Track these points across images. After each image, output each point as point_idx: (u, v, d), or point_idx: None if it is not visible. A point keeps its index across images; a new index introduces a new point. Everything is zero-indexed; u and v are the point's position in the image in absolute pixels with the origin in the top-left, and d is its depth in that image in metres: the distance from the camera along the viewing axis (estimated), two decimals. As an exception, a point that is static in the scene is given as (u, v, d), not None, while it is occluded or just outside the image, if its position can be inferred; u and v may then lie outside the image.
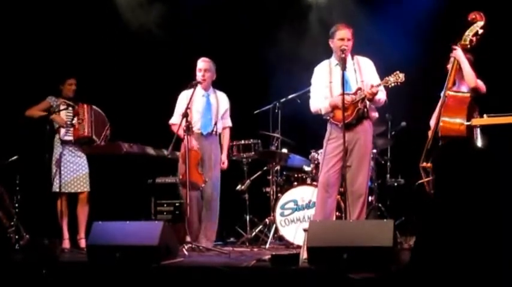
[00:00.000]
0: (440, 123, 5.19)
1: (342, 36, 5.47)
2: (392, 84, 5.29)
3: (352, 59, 5.54)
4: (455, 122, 5.13)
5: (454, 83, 5.44)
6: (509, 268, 2.67)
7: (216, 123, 6.34)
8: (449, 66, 5.61)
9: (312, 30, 7.74)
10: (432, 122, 5.79)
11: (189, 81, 6.22)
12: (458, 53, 5.39)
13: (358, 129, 5.38)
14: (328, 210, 5.43)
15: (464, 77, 5.41)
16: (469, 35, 5.38)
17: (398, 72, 5.21)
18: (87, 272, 4.74)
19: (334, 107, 5.44)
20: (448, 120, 5.17)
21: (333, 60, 5.56)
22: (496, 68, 6.65)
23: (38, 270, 4.63)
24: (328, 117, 5.51)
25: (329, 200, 5.44)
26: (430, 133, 5.60)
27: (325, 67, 5.62)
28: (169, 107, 6.44)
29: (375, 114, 5.57)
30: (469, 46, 5.38)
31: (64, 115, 6.50)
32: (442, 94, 5.46)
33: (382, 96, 5.44)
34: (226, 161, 6.50)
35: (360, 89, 5.37)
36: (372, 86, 5.31)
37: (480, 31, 5.35)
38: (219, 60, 6.46)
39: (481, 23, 5.35)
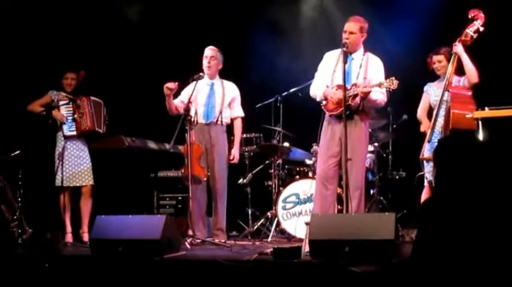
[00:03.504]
0: (452, 116, 5.22)
1: (344, 28, 5.47)
2: (385, 89, 5.29)
3: (364, 54, 5.52)
4: (466, 115, 5.16)
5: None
6: (510, 262, 2.67)
7: (221, 113, 6.33)
8: (436, 65, 5.66)
9: (314, 23, 7.74)
10: (421, 116, 5.83)
11: (190, 74, 6.23)
12: (459, 49, 5.43)
13: (349, 123, 5.29)
14: (327, 203, 5.44)
15: (467, 73, 5.45)
16: (469, 31, 5.41)
17: (394, 78, 5.19)
18: (89, 266, 4.76)
19: (326, 97, 5.47)
20: (459, 112, 5.21)
21: None
22: (497, 60, 6.67)
23: (41, 264, 4.65)
24: (321, 105, 5.53)
25: (327, 194, 5.44)
26: (425, 127, 5.63)
27: (334, 55, 5.60)
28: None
29: (372, 110, 5.57)
30: (469, 43, 5.42)
31: (64, 110, 6.50)
32: (442, 90, 5.52)
33: (379, 97, 5.41)
34: (238, 155, 6.46)
35: (355, 84, 5.36)
36: (366, 86, 5.30)
37: (481, 28, 5.38)
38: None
39: (481, 21, 5.38)
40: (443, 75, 5.71)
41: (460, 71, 5.56)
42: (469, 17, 5.44)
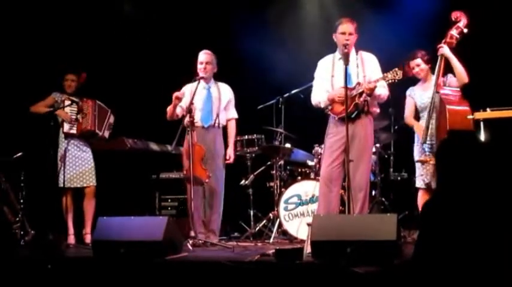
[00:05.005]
0: (448, 117, 5.22)
1: (343, 30, 5.48)
2: (390, 81, 5.31)
3: (356, 53, 5.56)
4: (463, 116, 5.16)
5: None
6: (510, 263, 2.68)
7: (218, 116, 6.32)
8: (417, 70, 5.66)
9: (315, 24, 7.75)
10: (410, 121, 5.82)
11: (192, 76, 6.23)
12: (446, 51, 5.45)
13: (356, 124, 5.39)
14: (331, 205, 5.44)
15: (457, 74, 5.46)
16: (454, 33, 5.44)
17: (396, 69, 5.24)
18: (92, 268, 4.77)
19: (331, 101, 5.48)
20: (455, 112, 5.22)
21: (337, 54, 5.57)
22: (497, 61, 6.67)
23: (43, 265, 4.66)
24: (327, 111, 5.55)
25: (331, 195, 5.45)
26: (420, 130, 5.62)
27: (328, 61, 5.64)
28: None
29: (376, 109, 5.59)
30: (454, 44, 5.44)
31: (69, 111, 6.50)
32: (427, 93, 5.53)
33: (383, 91, 5.46)
34: (233, 156, 6.43)
35: (358, 83, 5.39)
36: (370, 82, 5.33)
37: (465, 30, 5.42)
38: (221, 54, 6.46)
39: (464, 22, 5.42)
40: (423, 79, 5.73)
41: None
42: (452, 19, 5.48)
